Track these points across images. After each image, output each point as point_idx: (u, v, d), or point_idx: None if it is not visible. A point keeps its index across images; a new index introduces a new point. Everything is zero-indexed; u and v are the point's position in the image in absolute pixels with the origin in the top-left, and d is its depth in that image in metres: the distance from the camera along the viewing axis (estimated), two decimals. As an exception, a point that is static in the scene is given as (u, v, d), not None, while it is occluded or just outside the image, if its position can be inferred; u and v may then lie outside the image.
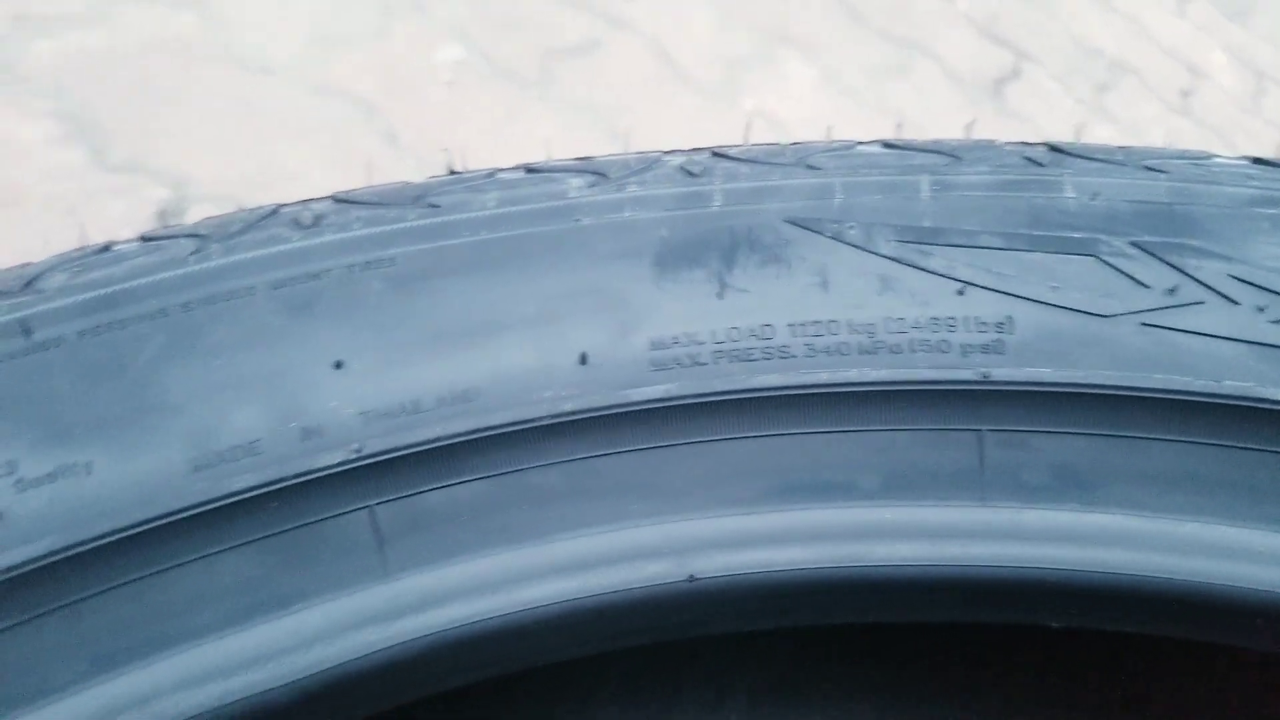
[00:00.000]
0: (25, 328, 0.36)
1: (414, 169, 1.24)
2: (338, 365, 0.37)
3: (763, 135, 1.57)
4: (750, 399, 0.37)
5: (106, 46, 1.18)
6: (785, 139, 0.57)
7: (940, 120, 1.77)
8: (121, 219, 1.02)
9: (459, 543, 0.36)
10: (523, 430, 0.36)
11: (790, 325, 0.38)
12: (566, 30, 1.51)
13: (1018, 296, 0.39)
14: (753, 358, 0.37)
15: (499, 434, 0.36)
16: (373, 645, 0.34)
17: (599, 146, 1.30)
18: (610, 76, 1.47)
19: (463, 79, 1.36)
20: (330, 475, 0.35)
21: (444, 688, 0.37)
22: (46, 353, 0.36)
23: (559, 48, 1.48)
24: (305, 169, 1.16)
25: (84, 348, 0.36)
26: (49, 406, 0.35)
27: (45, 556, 0.32)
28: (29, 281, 0.39)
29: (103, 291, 0.38)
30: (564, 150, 0.61)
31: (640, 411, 0.36)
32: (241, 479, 0.34)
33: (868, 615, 0.39)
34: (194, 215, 1.03)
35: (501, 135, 1.33)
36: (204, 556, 0.34)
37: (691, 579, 0.36)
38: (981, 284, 0.39)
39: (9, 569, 0.32)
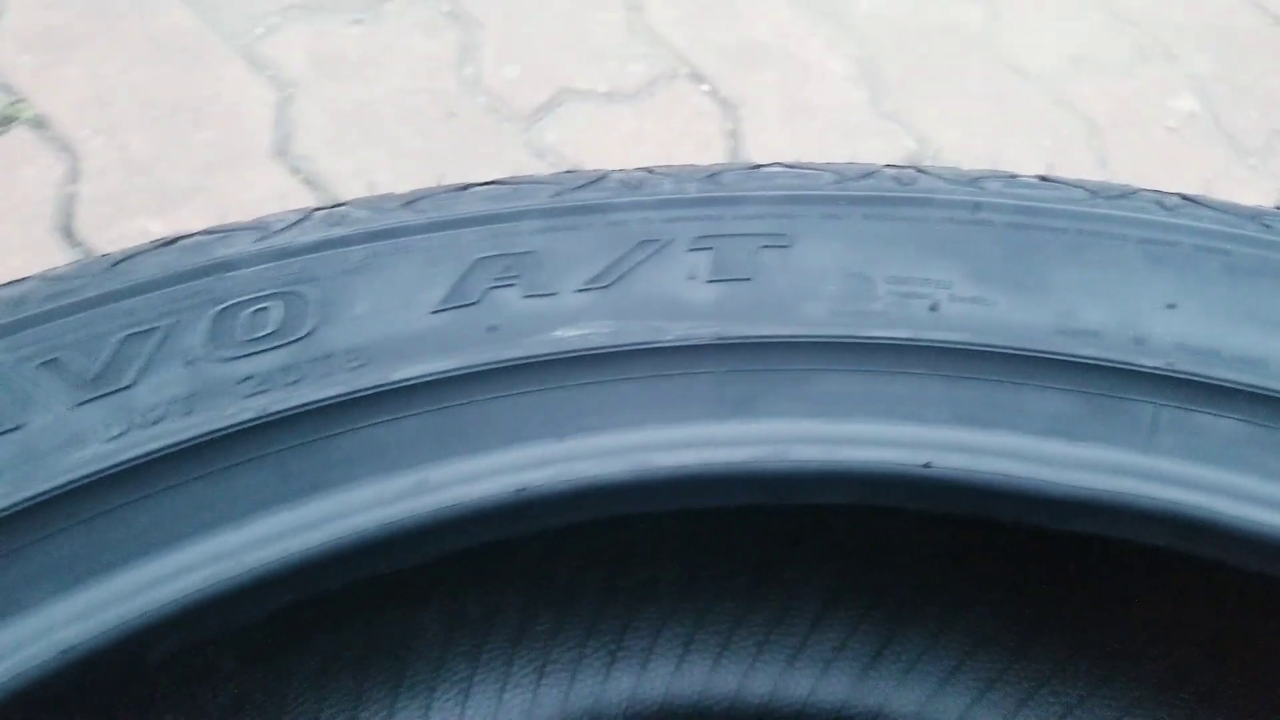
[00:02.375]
0: (975, 205, 0.56)
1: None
2: (1170, 306, 0.51)
3: None
4: None
5: (907, 15, 1.42)
6: None
7: None
8: (875, 154, 1.26)
9: (1209, 454, 0.49)
10: (1288, 401, 0.49)
11: None
12: (1307, 115, 1.49)
13: None
14: None
15: (1273, 395, 0.49)
16: (1120, 490, 0.49)
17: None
18: (1335, 172, 1.43)
19: (1187, 129, 1.42)
20: (1143, 372, 0.50)
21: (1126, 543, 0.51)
22: (983, 227, 0.55)
23: (1292, 129, 1.47)
24: (1019, 163, 1.31)
25: (1007, 233, 0.55)
26: (979, 258, 0.54)
27: (964, 344, 0.51)
28: (974, 180, 0.59)
29: (1026, 203, 0.56)
30: None
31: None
32: (1085, 350, 0.51)
33: None
34: (928, 170, 1.24)
35: (1204, 189, 1.36)
36: (1053, 388, 0.51)
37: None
38: None
39: (969, 344, 0.51)
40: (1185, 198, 0.58)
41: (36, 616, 0.43)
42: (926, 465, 0.50)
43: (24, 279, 0.53)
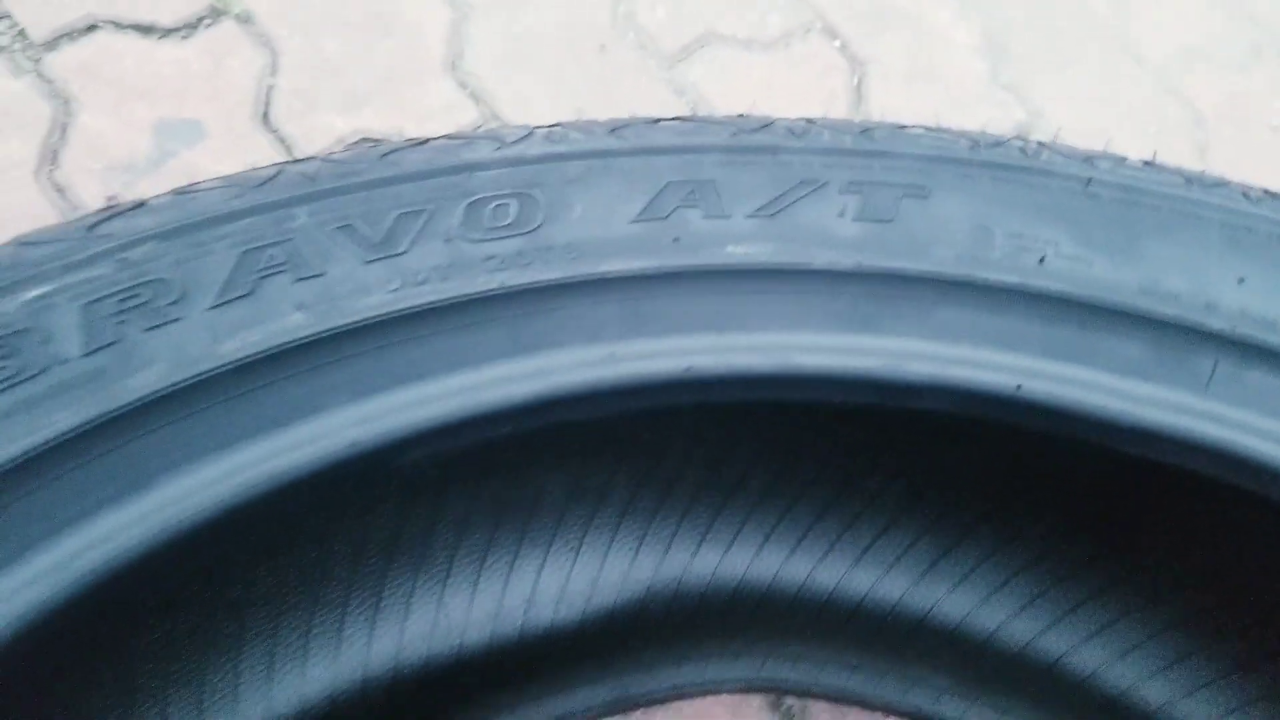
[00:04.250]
0: (1087, 180, 0.66)
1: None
2: (1240, 280, 0.61)
3: None
4: None
5: (1034, -5, 1.48)
6: None
7: None
8: (987, 124, 1.33)
9: (1258, 403, 0.59)
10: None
11: None
12: None
13: None
14: None
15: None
16: (1176, 424, 0.59)
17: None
18: None
19: (1291, 130, 1.46)
20: (1209, 333, 0.60)
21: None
22: (1091, 199, 0.65)
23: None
24: (1123, 145, 1.37)
25: (1111, 206, 0.64)
26: (1084, 224, 0.63)
27: (1063, 293, 0.61)
28: (1088, 158, 0.69)
29: (1131, 183, 0.66)
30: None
31: None
32: (1164, 309, 0.60)
33: None
34: (1037, 142, 1.32)
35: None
36: (1132, 337, 0.61)
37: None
38: None
39: (1068, 294, 0.61)
40: (1268, 192, 0.67)
41: (331, 419, 0.56)
42: (1018, 387, 0.61)
43: (310, 159, 0.65)
